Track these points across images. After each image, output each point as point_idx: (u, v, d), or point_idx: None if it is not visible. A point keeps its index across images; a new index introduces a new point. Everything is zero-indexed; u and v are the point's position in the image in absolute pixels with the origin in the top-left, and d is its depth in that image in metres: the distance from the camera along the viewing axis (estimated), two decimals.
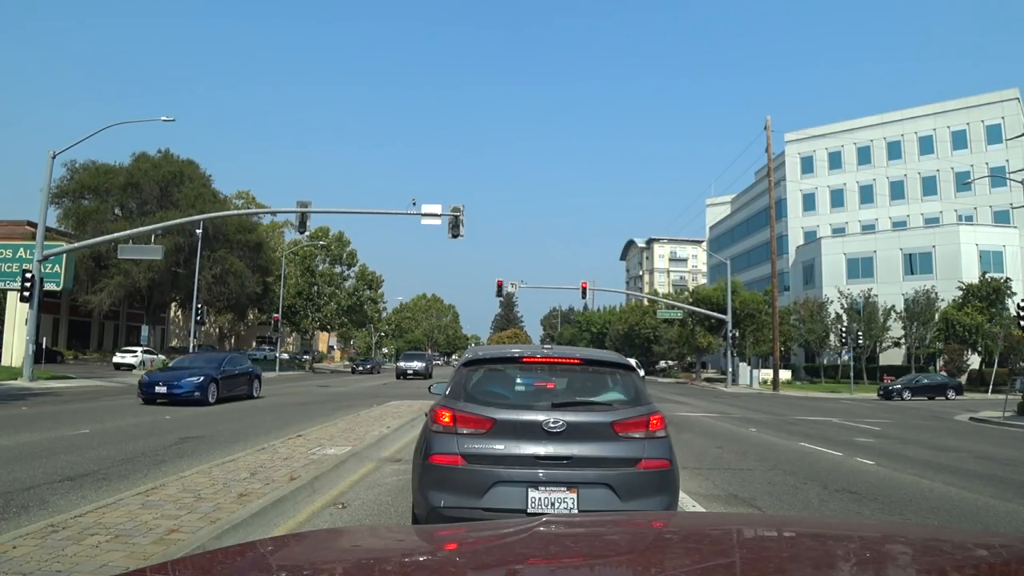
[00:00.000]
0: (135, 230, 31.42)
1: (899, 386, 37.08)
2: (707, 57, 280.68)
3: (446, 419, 4.69)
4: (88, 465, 8.70)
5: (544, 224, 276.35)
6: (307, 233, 42.37)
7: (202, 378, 18.61)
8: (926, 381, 38.11)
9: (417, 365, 44.86)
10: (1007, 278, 45.21)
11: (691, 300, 58.24)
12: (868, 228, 59.88)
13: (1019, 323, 27.51)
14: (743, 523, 2.55)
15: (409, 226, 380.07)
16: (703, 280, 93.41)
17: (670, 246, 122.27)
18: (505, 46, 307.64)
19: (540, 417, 4.59)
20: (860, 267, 55.17)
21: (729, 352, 48.72)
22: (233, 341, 73.43)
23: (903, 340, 47.61)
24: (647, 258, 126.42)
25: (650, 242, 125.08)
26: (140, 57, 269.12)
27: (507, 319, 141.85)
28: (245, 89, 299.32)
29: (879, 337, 47.40)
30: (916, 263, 52.81)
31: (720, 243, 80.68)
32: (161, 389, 18.15)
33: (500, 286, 45.64)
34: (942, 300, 45.86)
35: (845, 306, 48.66)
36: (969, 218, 54.94)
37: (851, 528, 2.04)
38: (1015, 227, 51.61)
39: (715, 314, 49.30)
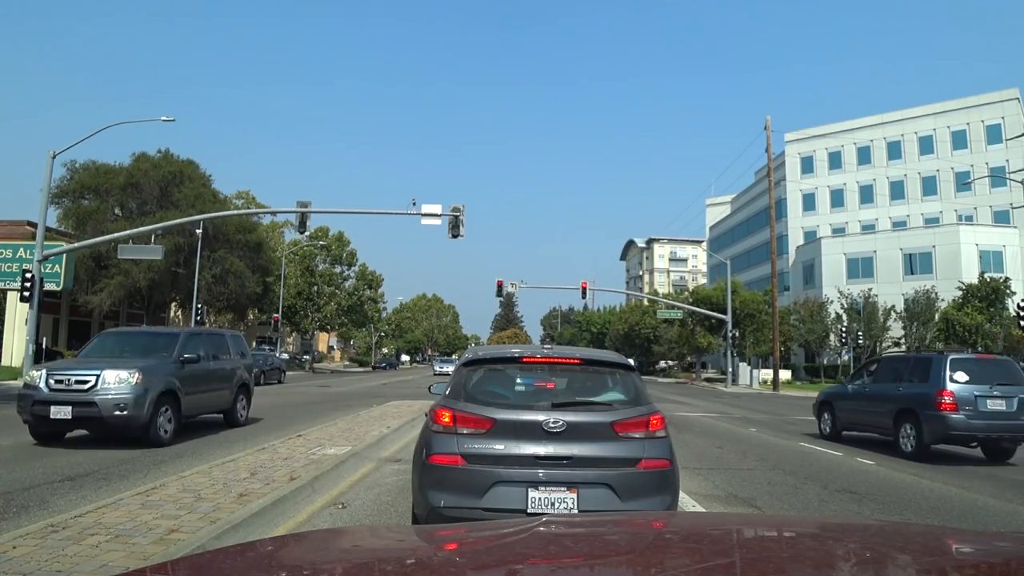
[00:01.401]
0: (135, 230, 31.41)
1: None
2: (708, 57, 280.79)
3: (446, 419, 4.69)
4: (88, 465, 8.69)
5: (544, 224, 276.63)
6: (307, 233, 42.40)
7: None
8: None
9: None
10: (1006, 278, 45.18)
11: (691, 300, 58.19)
12: (868, 228, 59.85)
13: (1019, 323, 27.51)
14: (743, 523, 2.55)
15: (409, 226, 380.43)
16: (703, 280, 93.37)
17: (670, 246, 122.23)
18: (505, 46, 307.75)
19: (540, 417, 4.59)
20: (860, 267, 55.14)
21: (729, 352, 48.68)
22: None
23: (903, 340, 47.55)
24: (647, 258, 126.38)
25: (650, 242, 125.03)
26: (141, 56, 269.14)
27: (507, 319, 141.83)
28: (245, 89, 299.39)
29: (879, 337, 47.35)
30: (916, 263, 52.78)
31: (720, 243, 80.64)
32: None
33: (500, 286, 45.62)
34: (942, 300, 45.81)
35: (845, 306, 48.61)
36: (969, 218, 54.91)
37: (851, 528, 2.04)
38: (1015, 227, 51.57)
39: (715, 314, 49.26)
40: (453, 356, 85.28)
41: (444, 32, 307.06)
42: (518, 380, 5.24)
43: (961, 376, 11.74)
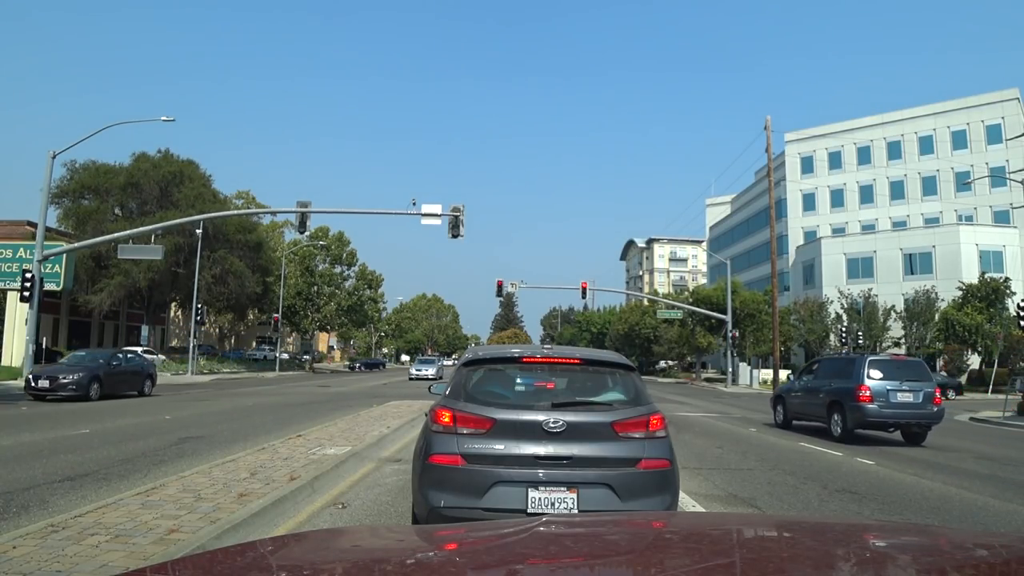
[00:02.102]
0: (135, 230, 31.40)
1: None
2: (708, 57, 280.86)
3: (446, 419, 4.69)
4: (88, 465, 8.69)
5: (544, 224, 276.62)
6: (307, 233, 42.40)
7: None
8: None
9: None
10: (1006, 278, 45.18)
11: (691, 300, 58.20)
12: (868, 228, 59.87)
13: (1019, 323, 27.50)
14: (743, 523, 2.55)
15: (409, 226, 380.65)
16: (703, 280, 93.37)
17: (670, 246, 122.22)
18: (505, 45, 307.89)
19: (540, 417, 4.59)
20: (860, 267, 55.15)
21: (729, 352, 48.68)
22: (233, 341, 73.47)
23: (903, 340, 47.56)
24: (647, 258, 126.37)
25: (650, 242, 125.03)
26: (141, 53, 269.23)
27: (507, 319, 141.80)
28: (244, 88, 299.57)
29: (879, 337, 47.35)
30: (916, 263, 52.79)
31: (720, 243, 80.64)
32: None
33: (500, 286, 45.61)
34: (942, 300, 45.82)
35: (845, 306, 48.64)
36: (969, 218, 54.92)
37: (851, 528, 2.04)
38: (1015, 227, 51.58)
39: (715, 314, 49.27)
40: (452, 357, 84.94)
41: (444, 29, 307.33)
42: (518, 380, 5.24)
43: (877, 374, 13.89)
